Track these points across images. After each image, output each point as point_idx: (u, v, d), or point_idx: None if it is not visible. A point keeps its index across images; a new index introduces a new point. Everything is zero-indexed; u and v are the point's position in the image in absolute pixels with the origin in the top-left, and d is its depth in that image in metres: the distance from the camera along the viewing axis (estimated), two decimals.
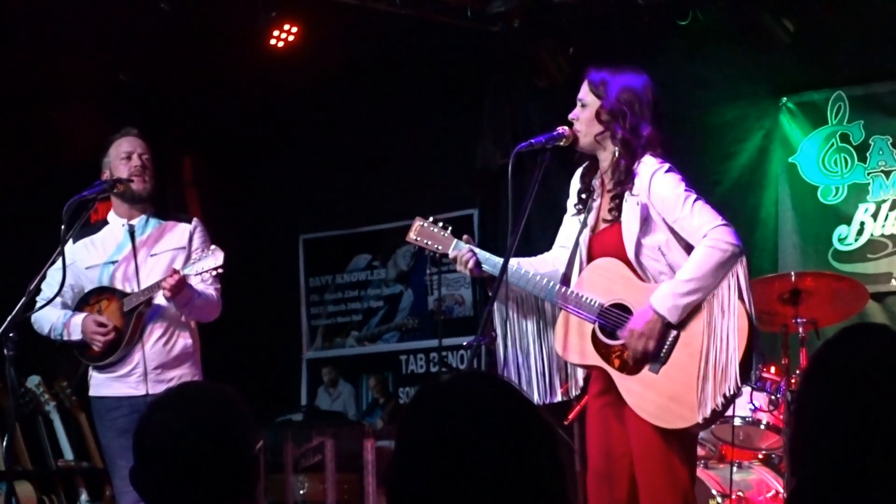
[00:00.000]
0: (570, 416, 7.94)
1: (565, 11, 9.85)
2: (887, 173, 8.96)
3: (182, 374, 6.71)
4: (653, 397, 5.31)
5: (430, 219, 5.79)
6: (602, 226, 5.56)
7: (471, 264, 5.59)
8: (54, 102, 10.18)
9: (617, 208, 5.46)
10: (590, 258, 5.55)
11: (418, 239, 5.77)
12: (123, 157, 6.75)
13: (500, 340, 5.61)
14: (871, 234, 8.98)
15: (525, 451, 2.43)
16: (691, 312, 5.27)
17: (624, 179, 5.44)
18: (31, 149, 10.22)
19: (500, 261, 5.49)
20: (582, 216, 5.63)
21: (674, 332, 5.30)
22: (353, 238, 11.67)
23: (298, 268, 11.91)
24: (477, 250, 5.64)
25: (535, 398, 5.61)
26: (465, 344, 5.53)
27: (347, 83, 10.89)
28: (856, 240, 9.01)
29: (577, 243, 5.60)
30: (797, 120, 9.30)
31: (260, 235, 11.42)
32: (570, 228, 5.70)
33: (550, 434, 2.49)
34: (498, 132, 10.52)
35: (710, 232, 5.23)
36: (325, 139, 11.40)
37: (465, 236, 5.70)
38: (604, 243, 5.52)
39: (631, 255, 5.39)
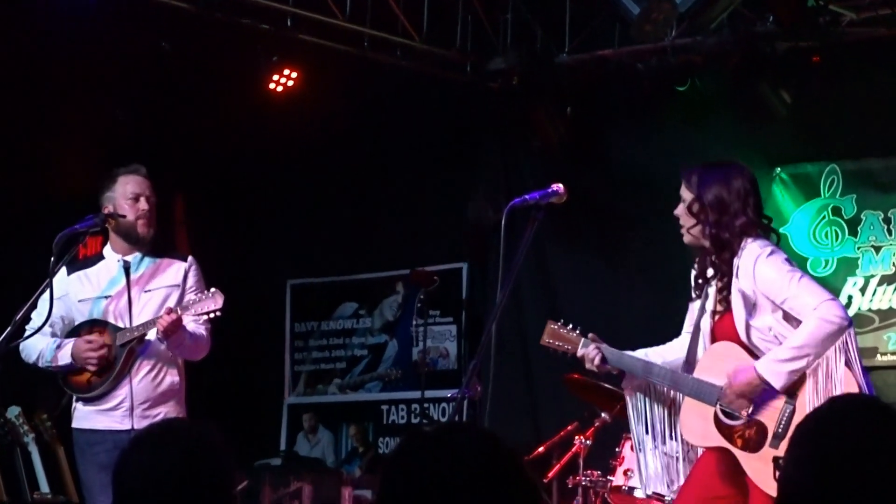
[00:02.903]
0: (550, 475, 7.93)
1: (565, 73, 9.88)
2: (877, 248, 8.98)
3: (167, 411, 6.67)
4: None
5: (561, 321, 6.00)
6: (718, 314, 5.67)
7: (597, 361, 5.83)
8: (50, 137, 10.18)
9: (725, 300, 5.60)
10: (713, 342, 5.67)
11: (550, 342, 6.01)
12: (131, 198, 6.66)
13: (632, 427, 5.91)
14: (859, 308, 8.99)
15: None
16: (802, 385, 5.37)
17: (726, 271, 5.57)
18: (23, 182, 10.20)
19: (625, 355, 5.80)
20: (699, 302, 5.75)
21: (790, 406, 5.39)
22: (341, 286, 11.67)
23: (285, 312, 11.89)
24: (603, 347, 5.85)
25: (658, 487, 5.90)
26: (449, 396, 5.58)
27: (343, 131, 10.90)
28: None
29: (697, 328, 5.72)
30: (790, 191, 9.32)
31: (248, 278, 11.38)
32: (693, 313, 5.83)
33: (532, 489, 2.49)
34: (490, 187, 10.53)
35: (819, 306, 5.34)
36: (318, 185, 11.40)
37: (590, 335, 5.91)
38: (723, 329, 5.63)
39: (744, 338, 5.50)
